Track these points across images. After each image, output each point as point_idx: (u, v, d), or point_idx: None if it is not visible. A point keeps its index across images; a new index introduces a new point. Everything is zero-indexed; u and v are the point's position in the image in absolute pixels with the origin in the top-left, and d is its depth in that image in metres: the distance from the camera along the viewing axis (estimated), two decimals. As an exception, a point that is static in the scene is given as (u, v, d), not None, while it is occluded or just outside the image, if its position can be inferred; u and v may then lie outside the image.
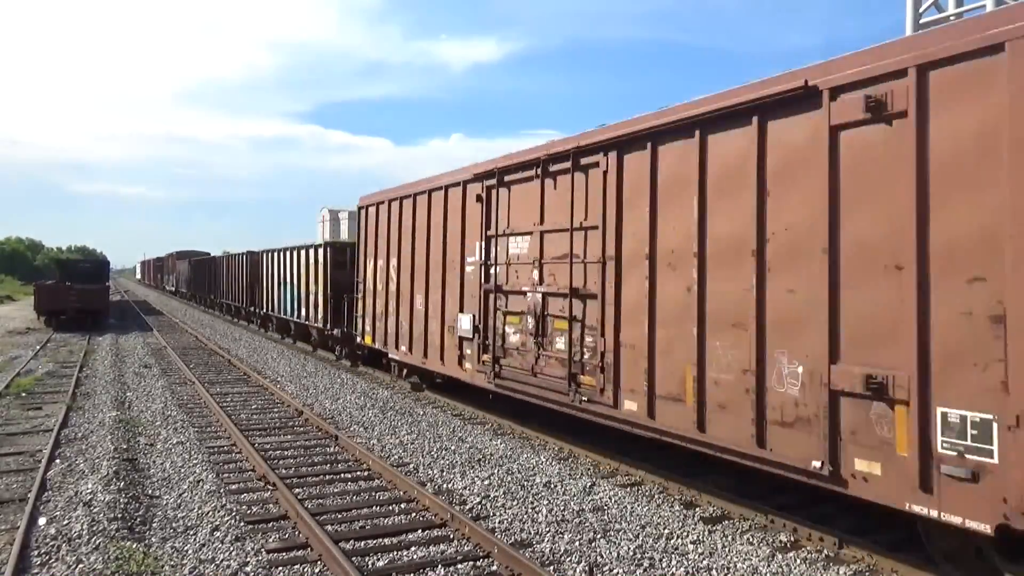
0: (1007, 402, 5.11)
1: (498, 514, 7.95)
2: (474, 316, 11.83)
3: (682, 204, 7.83)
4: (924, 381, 5.58)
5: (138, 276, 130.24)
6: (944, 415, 5.48)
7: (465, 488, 8.88)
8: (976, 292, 5.30)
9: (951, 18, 20.19)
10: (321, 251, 22.18)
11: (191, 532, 7.36)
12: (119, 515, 7.61)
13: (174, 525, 7.58)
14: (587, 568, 6.47)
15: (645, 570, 6.52)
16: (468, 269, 12.19)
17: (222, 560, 6.64)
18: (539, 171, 10.18)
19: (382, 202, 15.90)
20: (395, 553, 6.84)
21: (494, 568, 6.52)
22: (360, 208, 17.44)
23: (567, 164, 9.59)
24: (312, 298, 22.60)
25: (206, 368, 19.71)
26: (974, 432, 5.30)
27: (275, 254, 28.17)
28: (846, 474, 6.20)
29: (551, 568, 6.49)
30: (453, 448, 10.86)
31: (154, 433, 11.86)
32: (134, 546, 6.83)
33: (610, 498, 8.50)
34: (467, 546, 7.02)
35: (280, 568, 6.52)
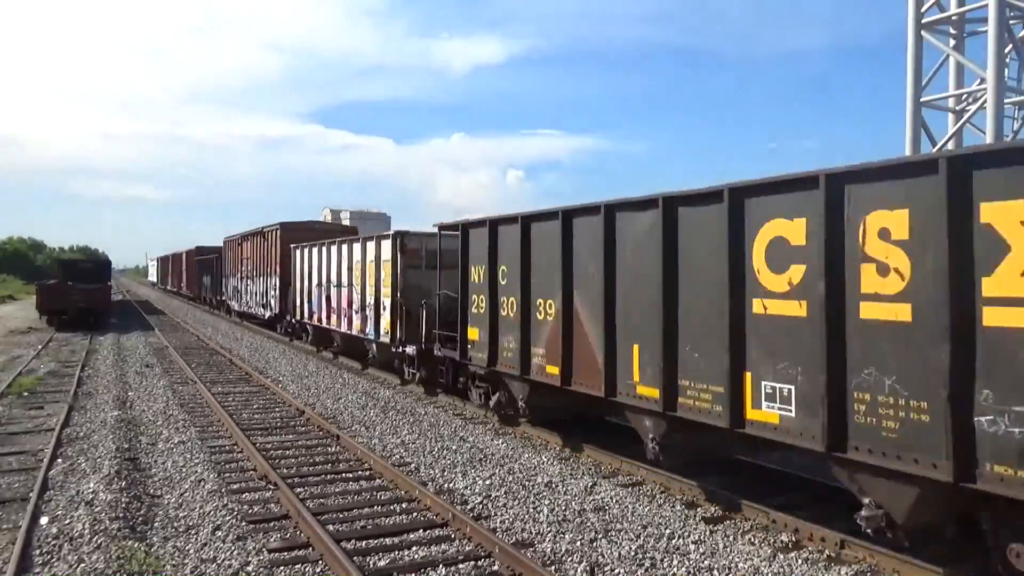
0: None
1: (499, 514, 7.95)
2: None
3: None
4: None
5: (152, 278, 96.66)
6: None
7: (466, 488, 8.88)
8: None
9: (953, 18, 20.20)
10: (389, 245, 16.37)
11: (192, 531, 7.36)
12: (121, 514, 7.62)
13: (175, 524, 7.58)
14: (588, 568, 6.46)
15: (647, 570, 6.51)
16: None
17: (223, 560, 6.65)
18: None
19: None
20: (396, 553, 6.84)
21: (495, 568, 6.51)
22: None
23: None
24: (372, 305, 17.28)
25: (207, 368, 19.72)
26: None
27: (312, 250, 22.53)
28: None
29: (552, 568, 6.49)
30: (454, 448, 10.86)
31: (155, 432, 11.87)
32: (136, 545, 6.84)
33: (611, 498, 8.49)
34: (468, 546, 7.02)
35: (281, 568, 6.52)
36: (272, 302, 27.87)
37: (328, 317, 20.84)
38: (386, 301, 16.43)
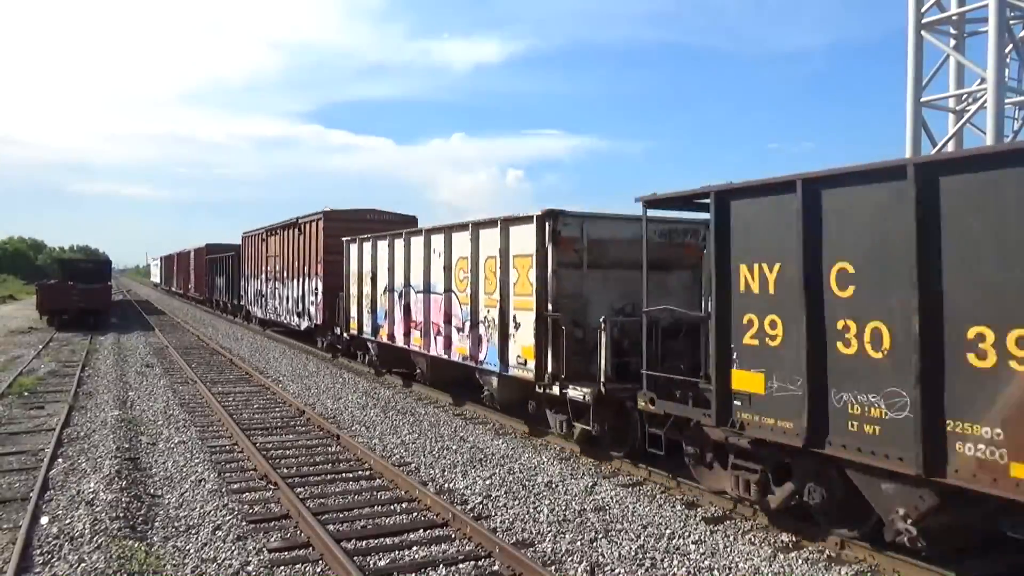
0: None
1: (499, 514, 7.95)
2: None
3: None
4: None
5: (155, 278, 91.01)
6: None
7: (467, 488, 8.88)
8: None
9: (953, 18, 20.18)
10: (530, 232, 10.86)
11: (193, 531, 7.36)
12: (121, 514, 7.62)
13: (176, 524, 7.58)
14: (589, 568, 6.47)
15: (647, 570, 6.51)
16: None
17: (224, 559, 6.65)
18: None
19: None
20: (396, 553, 6.84)
21: (495, 568, 6.52)
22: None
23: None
24: (495, 321, 11.77)
25: (207, 368, 19.73)
26: None
27: (378, 244, 17.18)
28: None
29: (552, 568, 6.49)
30: (455, 448, 10.86)
31: (156, 432, 11.87)
32: (136, 545, 6.84)
33: (611, 498, 8.49)
34: (469, 546, 7.02)
35: (282, 567, 6.52)
36: (312, 310, 22.41)
37: (406, 334, 15.26)
38: (523, 316, 11.01)
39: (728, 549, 7.01)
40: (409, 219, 22.36)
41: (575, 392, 9.95)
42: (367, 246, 17.95)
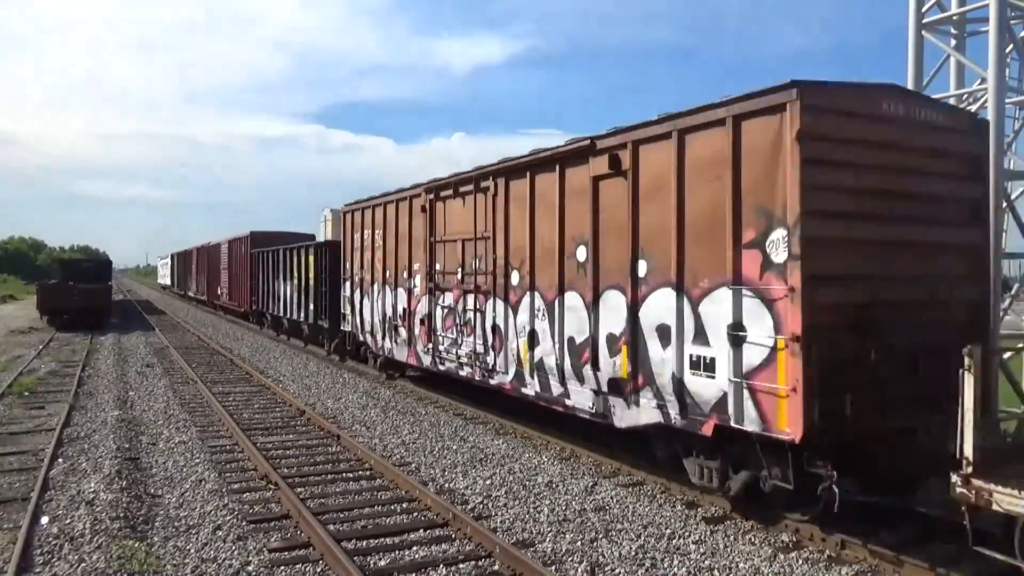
0: None
1: (500, 513, 7.95)
2: None
3: None
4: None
5: (163, 280, 78.26)
6: None
7: (467, 488, 8.88)
8: None
9: (954, 18, 20.17)
10: None
11: (193, 531, 7.37)
12: (121, 514, 7.62)
13: (176, 524, 7.59)
14: (589, 568, 6.47)
15: (647, 570, 6.51)
16: None
17: (224, 559, 6.65)
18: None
19: None
20: (397, 553, 6.84)
21: (496, 568, 6.52)
22: None
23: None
24: None
25: (208, 368, 19.72)
26: None
27: None
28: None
29: (553, 568, 6.49)
30: (455, 448, 10.86)
31: (156, 432, 11.87)
32: (136, 545, 6.84)
33: (612, 498, 8.49)
34: (469, 546, 7.02)
35: (282, 567, 6.52)
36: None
37: None
38: None
39: (728, 549, 7.01)
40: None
41: None
42: None
